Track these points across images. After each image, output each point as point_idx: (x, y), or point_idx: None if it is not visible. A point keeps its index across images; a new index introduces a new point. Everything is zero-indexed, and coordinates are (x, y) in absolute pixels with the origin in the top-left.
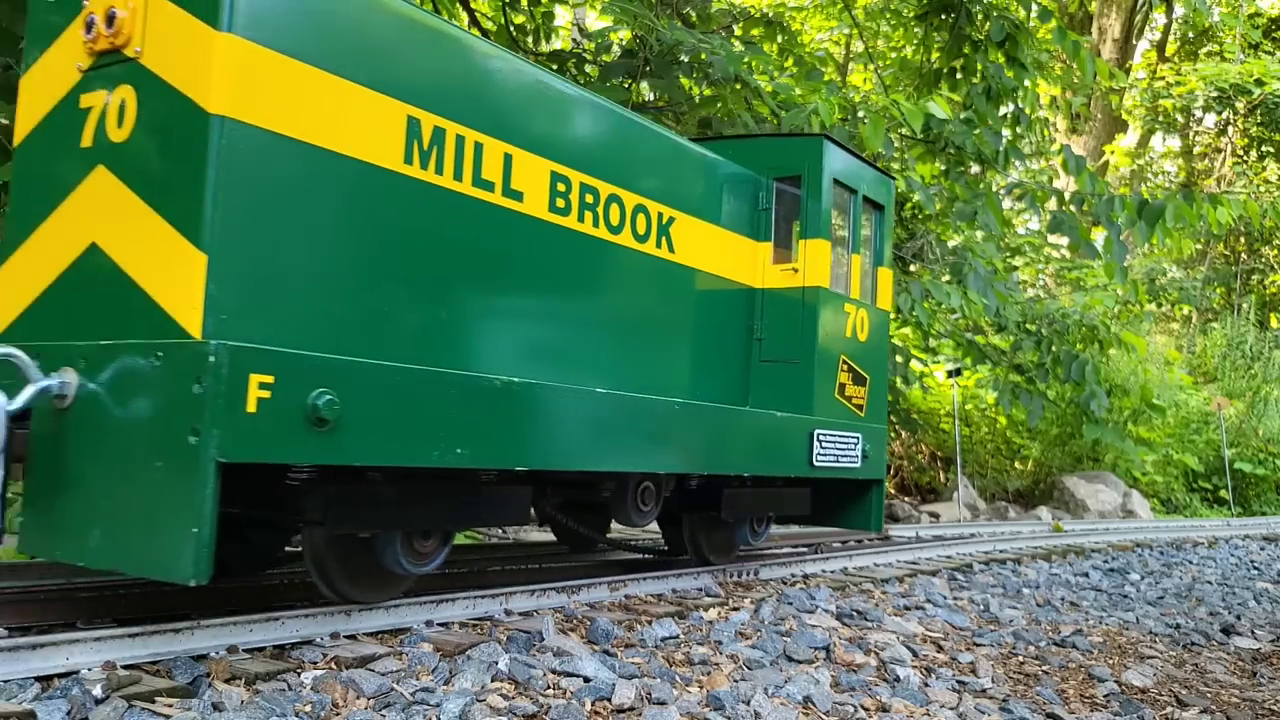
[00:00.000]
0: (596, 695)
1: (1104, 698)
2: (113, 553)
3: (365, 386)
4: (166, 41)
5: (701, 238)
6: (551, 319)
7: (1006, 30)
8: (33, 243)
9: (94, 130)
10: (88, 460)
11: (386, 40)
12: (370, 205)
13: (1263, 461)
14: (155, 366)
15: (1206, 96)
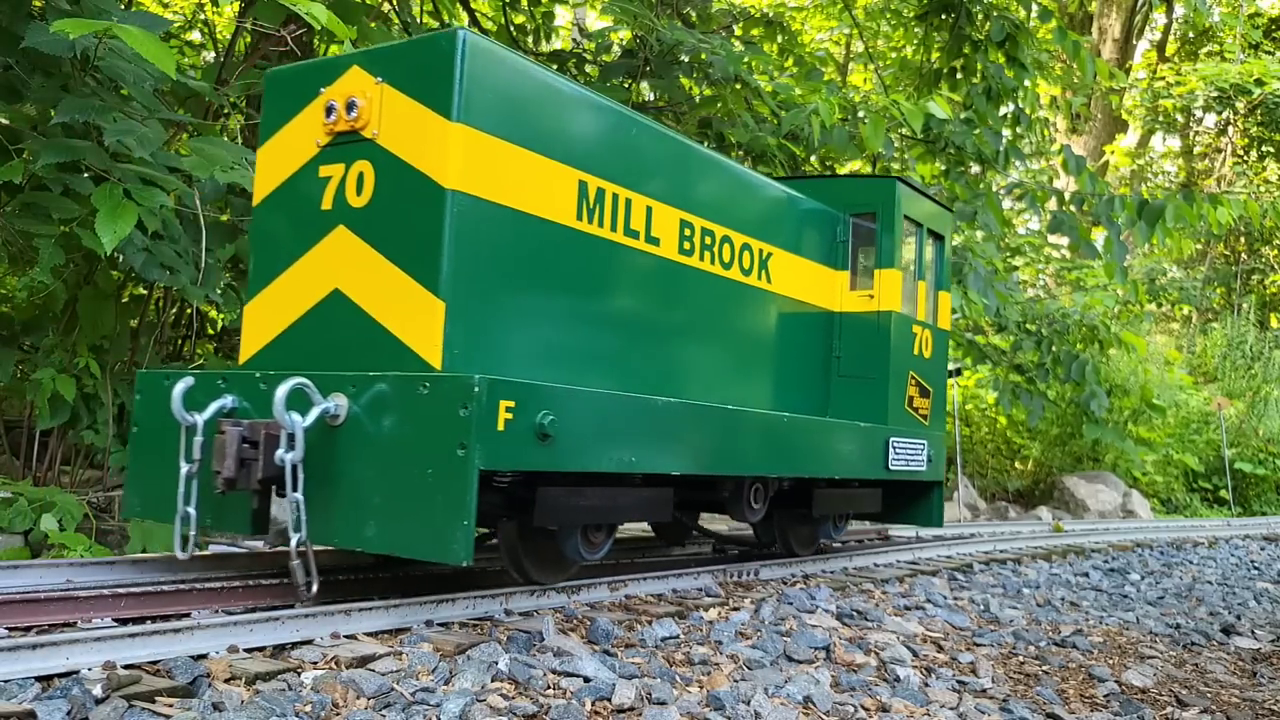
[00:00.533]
0: (596, 695)
1: (1104, 698)
2: (389, 540)
3: (570, 407)
4: (402, 127)
5: (792, 269)
6: (683, 345)
7: (1006, 30)
8: (277, 286)
9: (334, 195)
10: (360, 467)
11: (562, 118)
12: (553, 255)
13: (1263, 461)
14: (423, 394)
15: (1206, 96)
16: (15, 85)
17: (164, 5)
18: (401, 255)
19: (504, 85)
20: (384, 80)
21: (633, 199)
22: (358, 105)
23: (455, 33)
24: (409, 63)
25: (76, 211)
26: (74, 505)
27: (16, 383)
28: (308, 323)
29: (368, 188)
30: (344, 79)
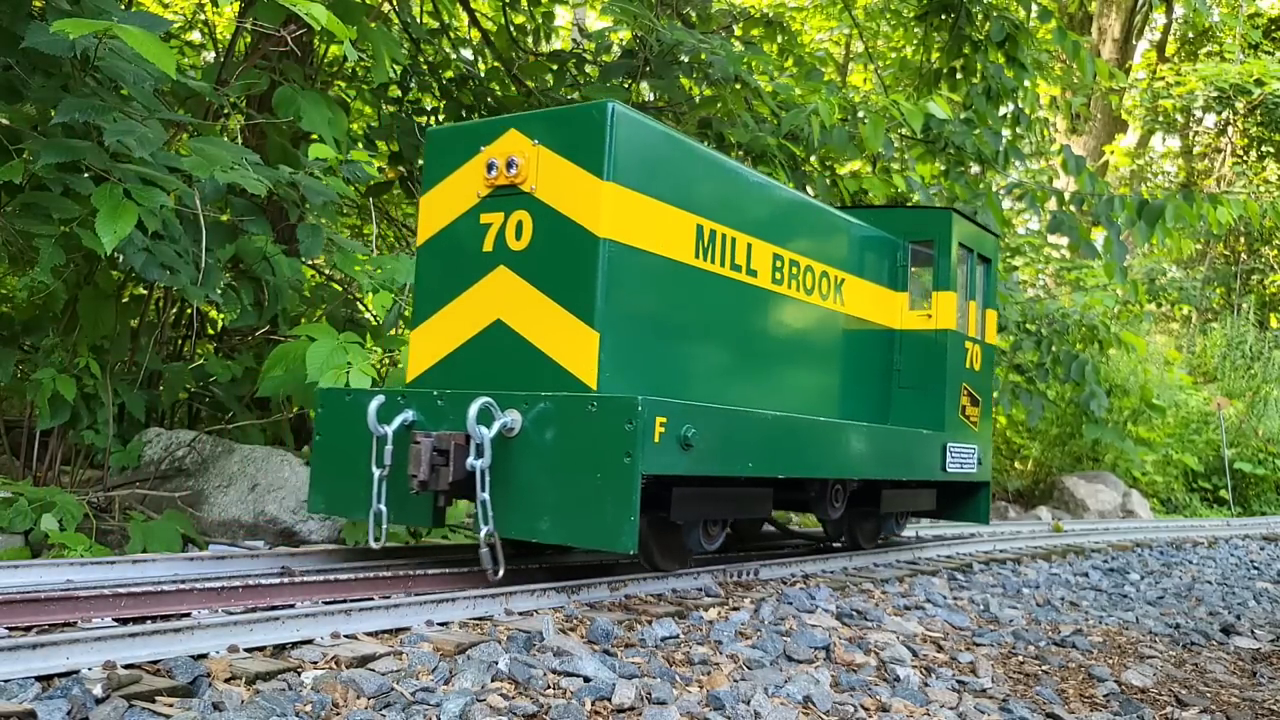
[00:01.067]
0: (596, 695)
1: (1104, 697)
2: (563, 533)
3: (705, 421)
4: (557, 183)
5: (860, 292)
6: (777, 363)
7: (1006, 30)
8: (442, 315)
9: (494, 239)
10: (532, 471)
11: (683, 171)
12: (676, 289)
13: (1262, 461)
14: (592, 411)
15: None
16: (15, 85)
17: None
18: (559, 292)
19: (641, 146)
20: (540, 143)
21: (737, 238)
22: (517, 163)
23: (606, 105)
24: (563, 129)
25: (77, 211)
26: (74, 505)
27: (17, 383)
28: (472, 347)
29: (526, 234)
30: (502, 140)
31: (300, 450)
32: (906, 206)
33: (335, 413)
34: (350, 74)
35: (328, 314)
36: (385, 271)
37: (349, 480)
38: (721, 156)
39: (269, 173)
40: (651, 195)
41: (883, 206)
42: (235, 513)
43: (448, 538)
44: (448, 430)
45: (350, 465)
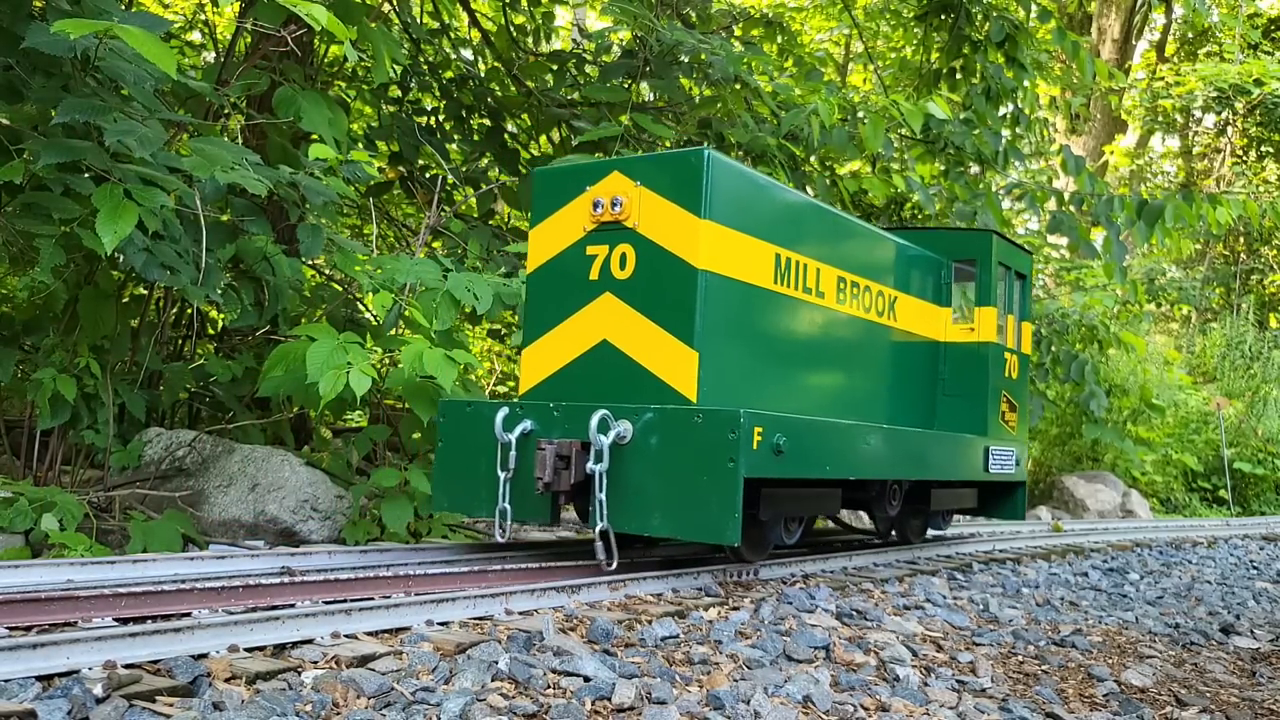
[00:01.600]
0: (596, 695)
1: (1103, 697)
2: (673, 527)
3: (793, 430)
4: (658, 220)
5: (909, 308)
6: (842, 374)
7: (1006, 31)
8: (552, 336)
9: (599, 269)
10: (642, 474)
11: (763, 207)
12: (759, 311)
13: (1262, 461)
14: (698, 423)
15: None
16: (16, 85)
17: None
18: (661, 316)
19: (730, 187)
20: (642, 184)
21: (807, 263)
22: (621, 202)
23: (702, 152)
24: (663, 172)
25: (77, 211)
26: (74, 505)
27: (17, 382)
28: (580, 364)
29: (629, 264)
30: (607, 181)
31: (300, 450)
32: (950, 229)
33: (455, 422)
34: (350, 74)
35: (328, 314)
36: (385, 271)
37: (468, 482)
38: (794, 191)
39: (269, 173)
40: (738, 229)
41: (928, 228)
42: (235, 512)
43: (447, 537)
44: (561, 438)
45: (470, 469)
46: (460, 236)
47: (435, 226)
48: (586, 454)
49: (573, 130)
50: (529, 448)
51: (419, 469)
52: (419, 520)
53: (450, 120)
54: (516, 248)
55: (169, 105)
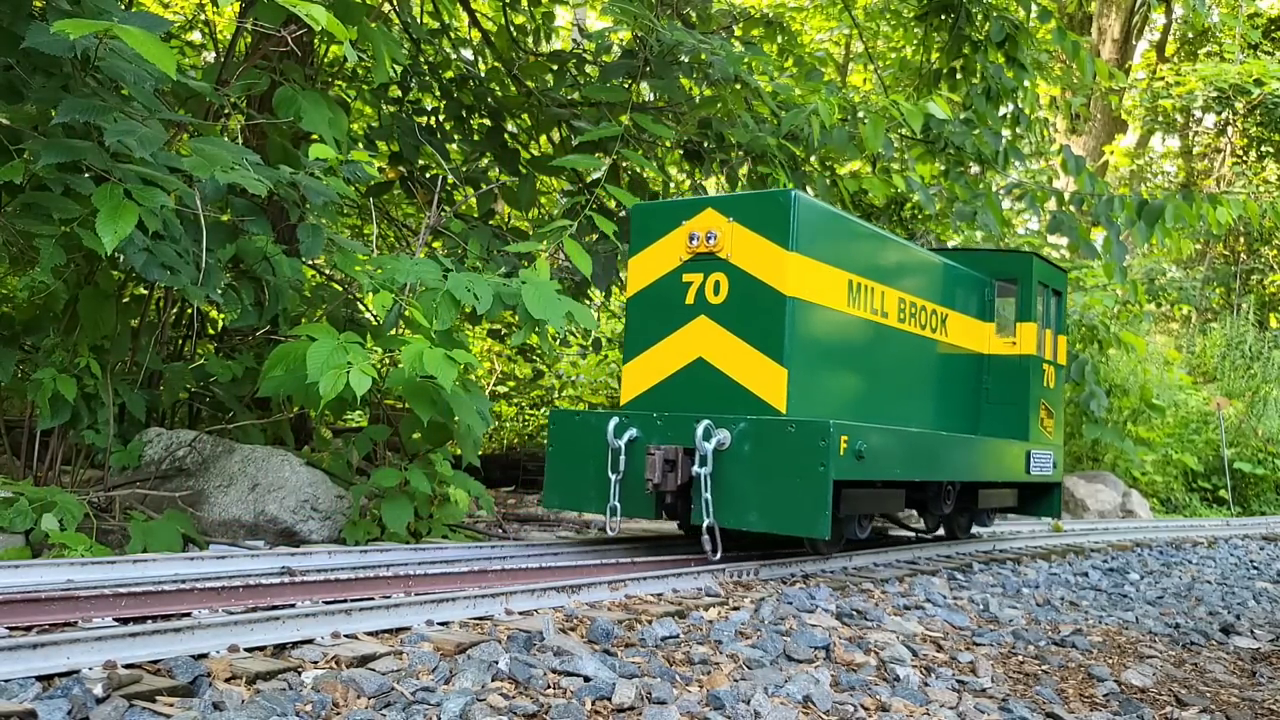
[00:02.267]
0: (597, 694)
1: (1103, 697)
2: (769, 523)
3: (871, 438)
4: (749, 252)
5: (957, 324)
6: (904, 386)
7: (1006, 31)
8: (651, 353)
9: (695, 295)
10: (739, 476)
11: (839, 239)
12: (836, 332)
13: (1262, 461)
14: (791, 432)
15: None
16: (16, 85)
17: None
18: (753, 337)
19: (812, 222)
20: (734, 220)
21: (874, 287)
22: (715, 235)
23: (789, 193)
24: (754, 209)
25: (77, 211)
26: (75, 505)
27: (17, 382)
28: (677, 379)
29: (723, 291)
30: (701, 216)
31: (300, 450)
32: (994, 250)
33: (565, 429)
34: (351, 74)
35: (328, 314)
36: (385, 271)
37: (578, 482)
38: (863, 223)
39: (269, 173)
40: (818, 259)
41: (974, 249)
42: (236, 512)
43: (447, 537)
44: (665, 444)
45: (579, 470)
46: (460, 236)
47: (435, 226)
48: (689, 459)
49: (573, 130)
50: (636, 452)
51: (419, 469)
52: (419, 520)
53: (450, 120)
54: (516, 248)
55: (169, 105)
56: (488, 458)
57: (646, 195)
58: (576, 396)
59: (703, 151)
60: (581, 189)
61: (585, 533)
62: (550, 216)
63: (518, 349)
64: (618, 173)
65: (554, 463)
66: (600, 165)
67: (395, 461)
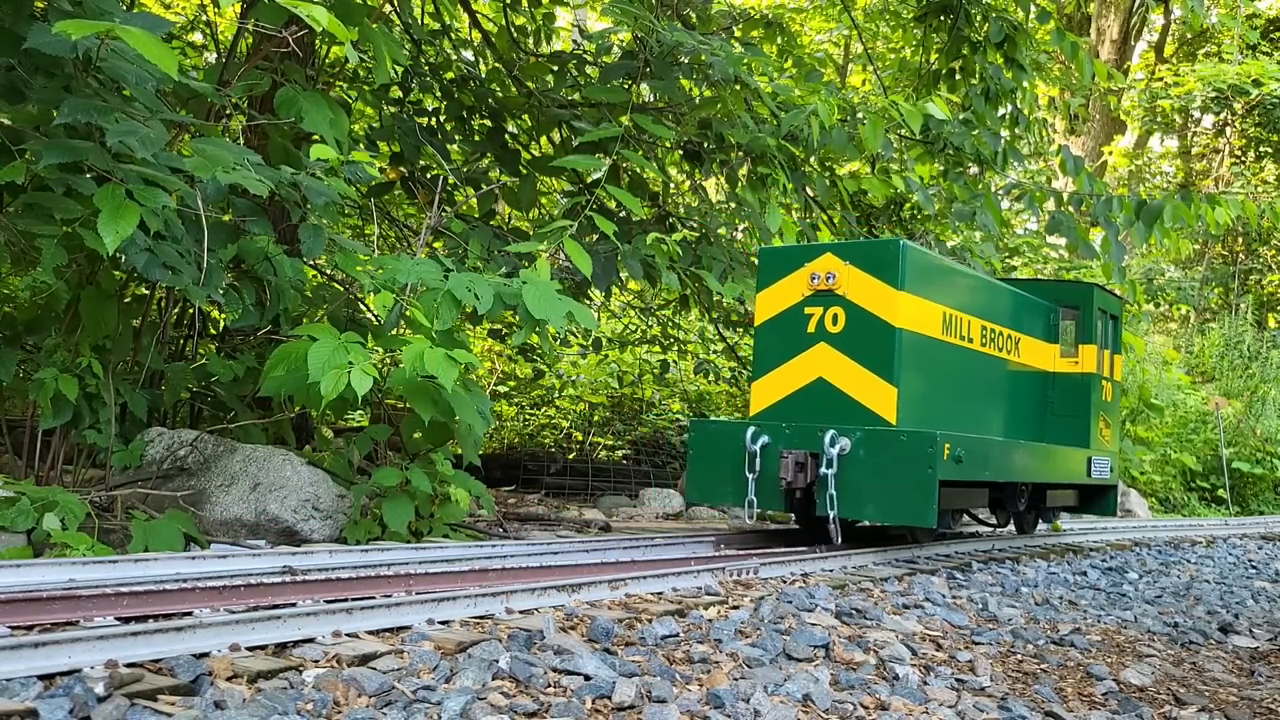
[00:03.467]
0: (597, 693)
1: (1102, 696)
2: (884, 515)
3: (967, 445)
4: (864, 290)
5: (1028, 347)
6: (987, 401)
7: (1005, 31)
8: (777, 373)
9: (815, 325)
10: (859, 476)
11: (935, 278)
12: (933, 355)
13: (1261, 461)
14: (903, 440)
15: (1204, 97)
16: (18, 86)
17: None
18: (867, 360)
19: (916, 265)
20: (850, 263)
21: (963, 317)
22: (834, 276)
23: (899, 241)
24: (868, 255)
25: (79, 211)
26: (76, 504)
27: (19, 382)
28: (800, 395)
29: (840, 322)
30: (821, 259)
31: (302, 450)
32: (1059, 281)
33: (703, 435)
34: (352, 75)
35: (329, 314)
36: (386, 271)
37: (715, 480)
38: (954, 264)
39: (271, 173)
40: (920, 296)
41: (1042, 280)
42: (237, 512)
43: (448, 536)
44: (793, 449)
45: (716, 470)
46: (461, 237)
47: (436, 227)
48: (815, 461)
49: (573, 131)
50: (768, 455)
51: (420, 468)
52: (420, 519)
53: (451, 121)
54: (517, 248)
55: (170, 106)
56: (488, 457)
57: (646, 195)
58: (577, 396)
59: (702, 152)
60: (582, 189)
61: (586, 531)
62: (551, 217)
63: (518, 349)
64: (618, 173)
65: (694, 464)
66: (600, 166)
67: (396, 461)
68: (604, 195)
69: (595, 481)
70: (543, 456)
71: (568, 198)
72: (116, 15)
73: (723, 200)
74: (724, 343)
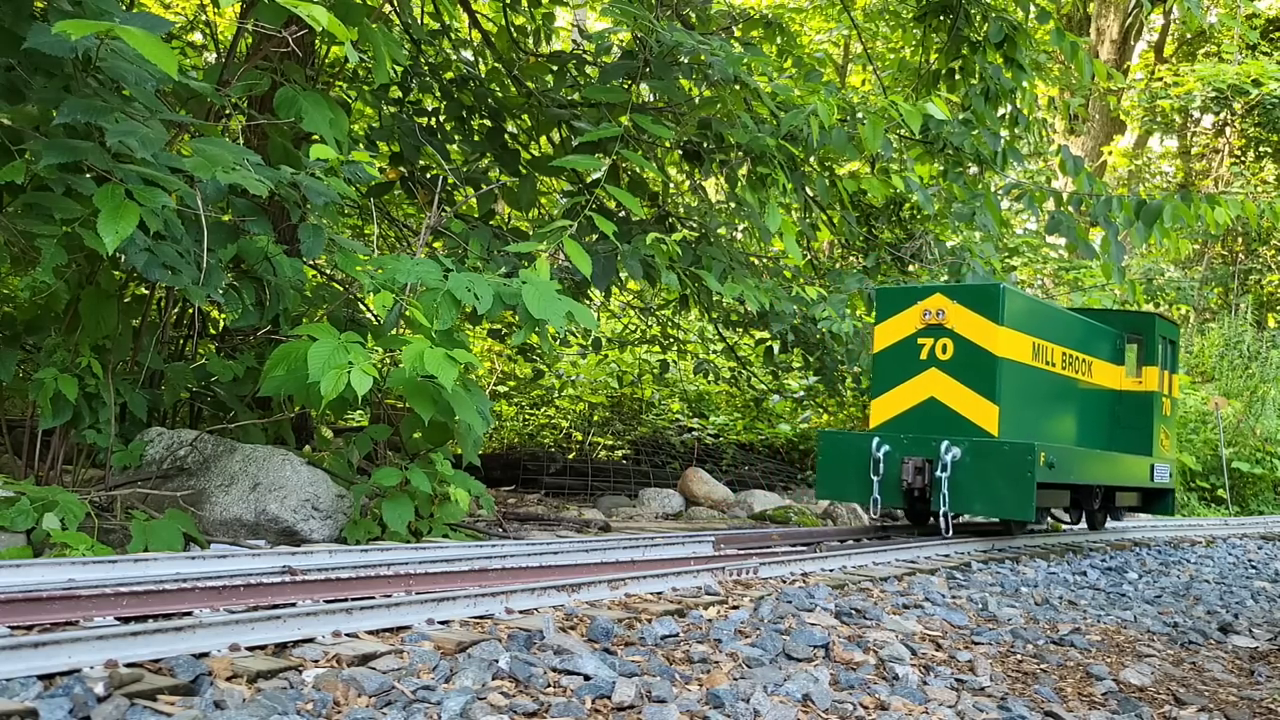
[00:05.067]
0: (596, 693)
1: (1102, 696)
2: (989, 510)
3: (1058, 453)
4: (969, 325)
5: (1099, 369)
6: (1067, 416)
7: (1005, 31)
8: (893, 393)
9: (927, 354)
10: (968, 478)
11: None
12: (1025, 378)
13: (1260, 461)
14: (1005, 450)
15: (1204, 97)
16: (18, 86)
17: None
18: (972, 383)
19: (1013, 304)
20: (957, 302)
21: (1048, 346)
22: (944, 313)
23: (1000, 285)
24: (972, 296)
25: (79, 211)
26: (76, 504)
27: (19, 382)
28: (913, 411)
29: (949, 351)
30: (932, 299)
31: (301, 450)
32: (1125, 311)
33: (832, 444)
34: (351, 75)
35: (329, 314)
36: (386, 271)
37: (844, 481)
38: (1042, 300)
39: (270, 173)
40: (1015, 329)
41: (1110, 310)
42: (237, 512)
43: (448, 536)
44: (908, 455)
45: (844, 472)
46: (461, 237)
47: (436, 227)
48: (931, 466)
49: (573, 131)
50: (890, 461)
51: (420, 468)
52: (420, 519)
53: (451, 121)
54: (516, 248)
55: (170, 106)
56: (488, 457)
57: (646, 195)
58: (576, 396)
59: (702, 152)
60: (581, 189)
61: (586, 531)
62: (550, 217)
63: (518, 349)
64: (617, 173)
65: (824, 468)
66: (600, 166)
67: (396, 461)
68: (604, 195)
69: (595, 481)
70: (542, 456)
71: (567, 198)
72: (116, 15)
73: (722, 200)
74: (724, 343)
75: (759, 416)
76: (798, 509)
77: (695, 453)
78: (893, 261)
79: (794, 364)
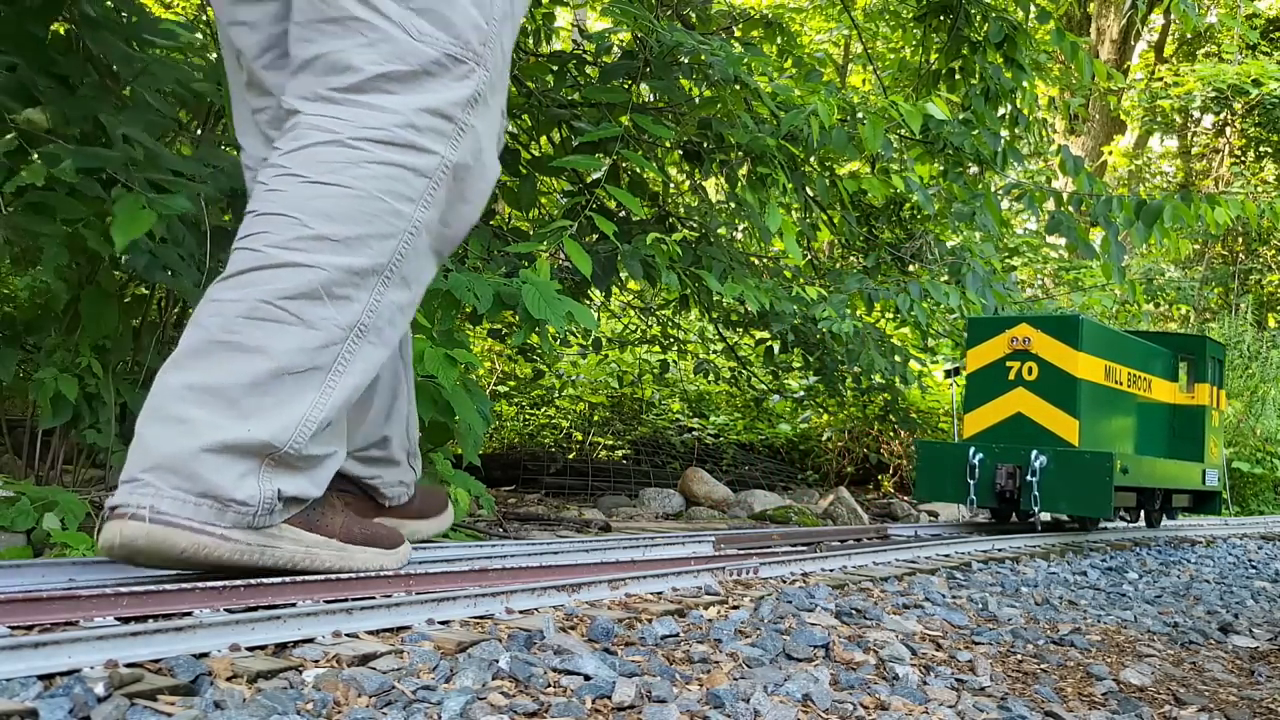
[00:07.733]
0: (597, 693)
1: (1102, 696)
2: (1072, 509)
3: (1129, 460)
4: (1051, 350)
5: (1157, 385)
6: (1133, 428)
7: (1005, 31)
8: (985, 408)
9: (1015, 374)
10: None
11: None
12: (1100, 396)
13: (1260, 461)
14: (1087, 458)
15: (1204, 97)
16: (25, 86)
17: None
18: (1055, 400)
19: (1090, 332)
20: (1040, 330)
21: (1117, 367)
22: (1029, 340)
23: (1078, 315)
24: (1054, 324)
25: (83, 212)
26: (76, 504)
27: (19, 382)
28: (1003, 424)
29: (1034, 373)
30: (1019, 328)
31: None
32: (1178, 334)
33: (930, 452)
34: None
35: None
36: None
37: (940, 482)
38: (1112, 328)
39: None
40: (1091, 354)
41: (1165, 333)
42: None
43: (448, 535)
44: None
45: (940, 475)
46: None
47: None
48: (1021, 472)
49: (573, 131)
50: (983, 467)
51: None
52: None
53: None
54: (517, 248)
55: (171, 106)
56: (488, 457)
57: (646, 195)
58: (576, 396)
59: (702, 152)
60: (581, 189)
61: (586, 531)
62: (550, 217)
63: (518, 349)
64: (618, 173)
65: (922, 473)
66: (600, 166)
67: None
68: (604, 195)
69: (595, 481)
70: (543, 456)
71: (568, 198)
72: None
73: (723, 200)
74: (724, 343)
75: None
76: (798, 509)
77: (695, 453)
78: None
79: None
